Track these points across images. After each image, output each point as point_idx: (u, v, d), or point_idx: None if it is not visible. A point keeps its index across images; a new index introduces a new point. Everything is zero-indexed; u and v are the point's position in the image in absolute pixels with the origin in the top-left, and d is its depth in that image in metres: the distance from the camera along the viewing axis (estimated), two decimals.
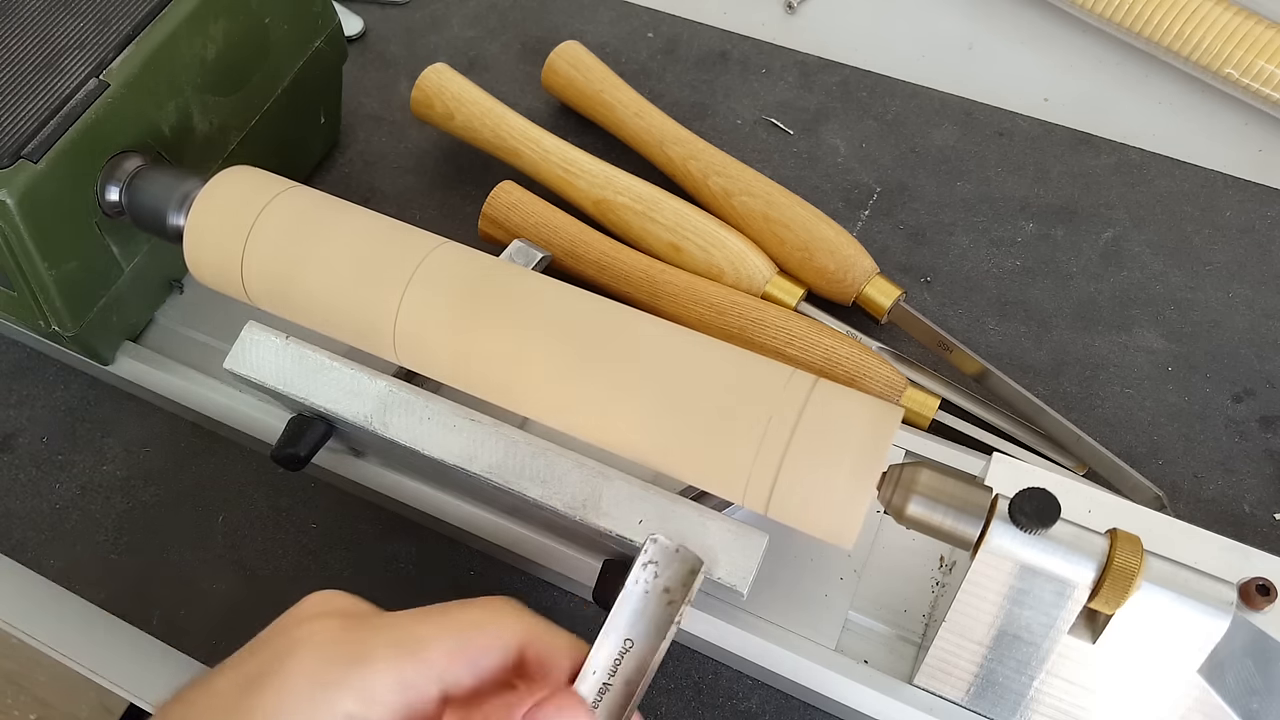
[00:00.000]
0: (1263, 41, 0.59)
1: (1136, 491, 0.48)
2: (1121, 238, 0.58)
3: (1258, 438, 0.51)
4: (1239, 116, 0.62)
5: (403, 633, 0.31)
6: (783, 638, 0.44)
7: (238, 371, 0.43)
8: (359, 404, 0.42)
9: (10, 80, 0.45)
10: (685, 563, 0.35)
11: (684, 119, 0.61)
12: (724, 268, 0.54)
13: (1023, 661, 0.38)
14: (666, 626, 0.34)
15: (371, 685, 0.29)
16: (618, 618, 0.34)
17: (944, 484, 0.36)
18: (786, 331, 0.51)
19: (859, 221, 0.60)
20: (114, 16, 0.47)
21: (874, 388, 0.50)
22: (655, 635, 0.34)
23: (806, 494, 0.35)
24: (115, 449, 0.55)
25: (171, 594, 0.50)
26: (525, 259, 0.52)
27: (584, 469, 0.39)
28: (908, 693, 0.42)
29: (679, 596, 0.35)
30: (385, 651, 0.30)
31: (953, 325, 0.56)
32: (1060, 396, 0.53)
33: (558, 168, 0.58)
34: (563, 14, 0.70)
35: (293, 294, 0.41)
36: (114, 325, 0.53)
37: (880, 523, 0.47)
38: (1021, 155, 0.61)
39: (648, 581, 0.35)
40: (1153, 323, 0.55)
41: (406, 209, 0.62)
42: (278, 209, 0.42)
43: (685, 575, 0.35)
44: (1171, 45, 0.62)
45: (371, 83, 0.68)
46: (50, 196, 0.44)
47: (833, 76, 0.66)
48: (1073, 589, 0.35)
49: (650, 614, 0.34)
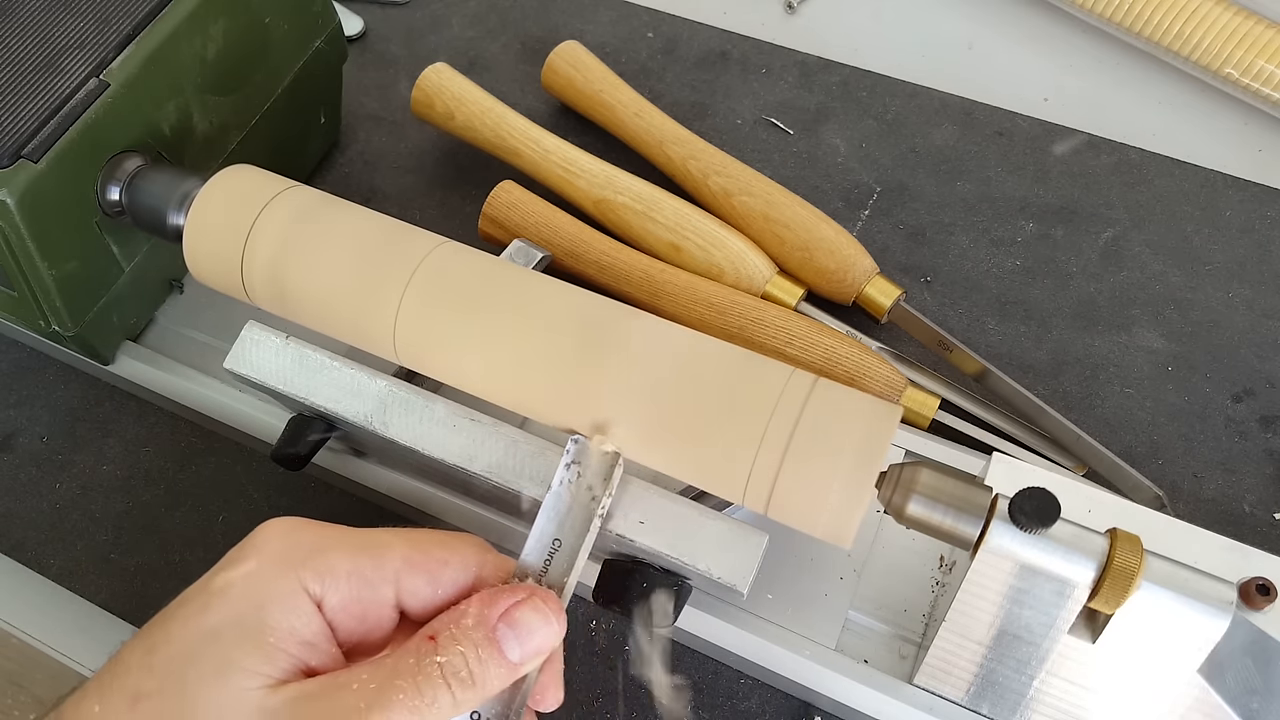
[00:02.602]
0: (1263, 41, 0.59)
1: (1136, 491, 0.48)
2: (1121, 238, 0.58)
3: (1258, 438, 0.51)
4: (1239, 116, 0.62)
5: (363, 536, 0.33)
6: (783, 637, 0.44)
7: (238, 371, 0.43)
8: (359, 404, 0.42)
9: (10, 80, 0.45)
10: (605, 459, 0.37)
11: (684, 119, 0.61)
12: (724, 267, 0.54)
13: (1023, 661, 0.38)
14: (589, 522, 0.36)
15: (330, 567, 0.31)
16: (544, 519, 0.36)
17: (944, 484, 0.36)
18: (786, 331, 0.51)
19: (859, 221, 0.60)
20: (114, 16, 0.47)
21: (874, 387, 0.50)
22: (580, 532, 0.35)
23: (806, 494, 0.35)
24: (115, 449, 0.55)
25: (171, 594, 0.50)
26: (525, 259, 0.52)
27: None
28: (908, 692, 0.42)
29: (600, 492, 0.36)
30: (343, 544, 0.32)
31: (953, 325, 0.56)
32: (1060, 396, 0.53)
33: (558, 167, 0.58)
34: (563, 14, 0.70)
35: (293, 294, 0.41)
36: (114, 325, 0.53)
37: (880, 523, 0.47)
38: (1021, 155, 0.61)
39: (571, 481, 0.36)
40: (1153, 323, 0.55)
41: (406, 209, 0.62)
42: (278, 209, 0.42)
43: (605, 471, 0.36)
44: (1171, 45, 0.62)
45: (371, 83, 0.68)
46: (50, 196, 0.44)
47: (833, 76, 0.66)
48: (1073, 589, 0.35)
49: (575, 513, 0.36)
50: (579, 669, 0.47)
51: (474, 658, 0.30)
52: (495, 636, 0.31)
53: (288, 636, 0.30)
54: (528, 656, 0.32)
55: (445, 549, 0.33)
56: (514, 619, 0.31)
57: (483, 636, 0.31)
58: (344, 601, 0.32)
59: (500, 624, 0.31)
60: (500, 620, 0.31)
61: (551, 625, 0.32)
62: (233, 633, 0.30)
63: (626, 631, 0.47)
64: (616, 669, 0.47)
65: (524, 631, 0.31)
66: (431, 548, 0.33)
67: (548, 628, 0.32)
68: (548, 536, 0.35)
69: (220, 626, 0.30)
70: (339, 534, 0.33)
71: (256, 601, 0.30)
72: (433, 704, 0.30)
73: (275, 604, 0.30)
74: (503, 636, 0.31)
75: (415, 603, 0.33)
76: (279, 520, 0.33)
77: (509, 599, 0.32)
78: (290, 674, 0.30)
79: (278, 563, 0.31)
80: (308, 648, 0.31)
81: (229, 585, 0.31)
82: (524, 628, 0.31)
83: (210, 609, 0.31)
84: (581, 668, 0.47)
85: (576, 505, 0.36)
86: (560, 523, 0.36)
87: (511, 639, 0.31)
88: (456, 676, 0.30)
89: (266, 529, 0.32)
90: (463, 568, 0.33)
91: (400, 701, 0.29)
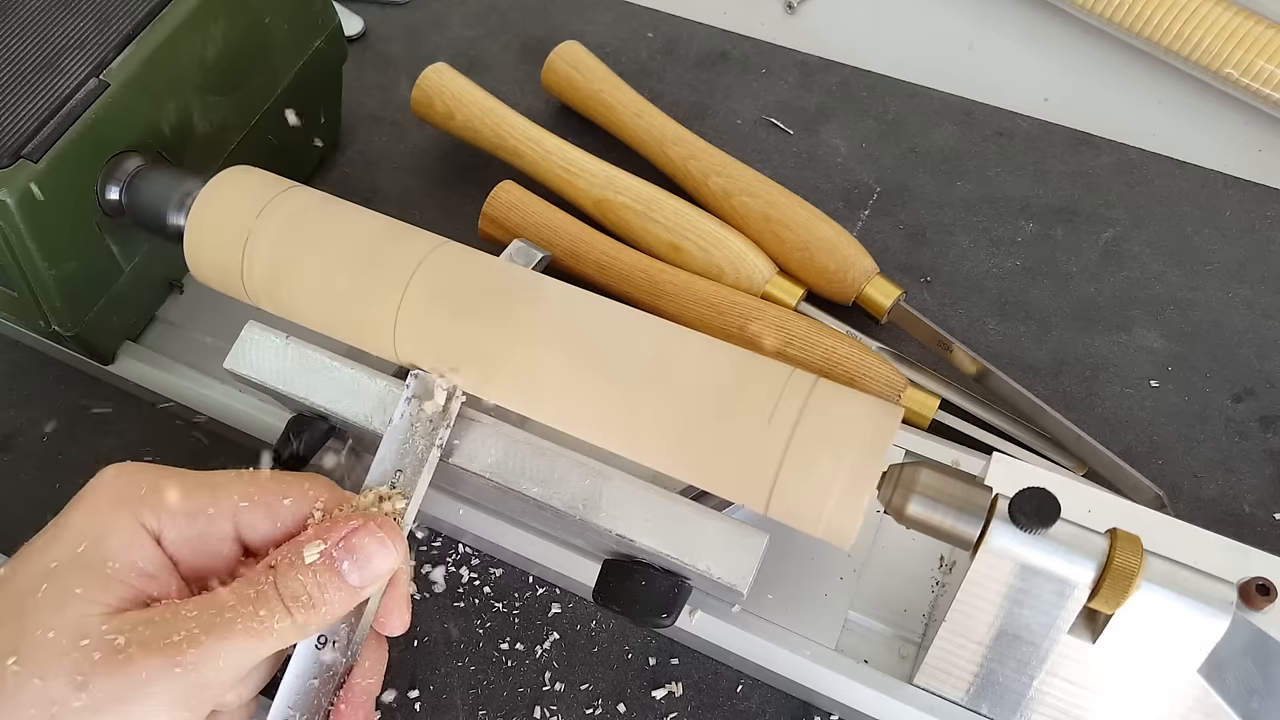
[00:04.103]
0: (1263, 41, 0.59)
1: (1136, 491, 0.48)
2: (1121, 238, 0.58)
3: (1258, 438, 0.51)
4: (1239, 116, 0.62)
5: (201, 475, 0.35)
6: (783, 638, 0.44)
7: (238, 371, 0.43)
8: (359, 404, 0.42)
9: (10, 80, 0.45)
10: (443, 391, 0.38)
11: (684, 119, 0.61)
12: (724, 267, 0.54)
13: (1023, 661, 0.38)
14: (428, 452, 0.38)
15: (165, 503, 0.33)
16: (386, 449, 0.37)
17: (944, 484, 0.36)
18: (786, 331, 0.51)
19: (859, 221, 0.60)
20: (114, 16, 0.47)
21: (874, 387, 0.50)
22: (419, 462, 0.37)
23: (807, 494, 0.35)
24: (115, 449, 0.55)
25: None
26: (525, 259, 0.52)
27: (584, 469, 0.39)
28: (908, 692, 0.42)
29: (439, 423, 0.38)
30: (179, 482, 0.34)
31: (953, 325, 0.56)
32: (1060, 396, 0.53)
33: (558, 167, 0.58)
34: (563, 14, 0.70)
35: (293, 294, 0.41)
36: (114, 325, 0.53)
37: (880, 522, 0.47)
38: (1021, 155, 0.61)
39: (412, 415, 0.38)
40: (1153, 323, 0.55)
41: (406, 209, 0.62)
42: (278, 209, 0.42)
43: (443, 402, 0.38)
44: (1171, 45, 0.62)
45: (371, 83, 0.68)
46: (50, 196, 0.44)
47: (833, 76, 0.66)
48: (1073, 589, 0.35)
49: (415, 443, 0.38)
50: (579, 668, 0.47)
51: (312, 583, 0.32)
52: (333, 561, 0.33)
53: (126, 568, 0.32)
54: (366, 580, 0.33)
55: (283, 485, 0.35)
56: (351, 545, 0.33)
57: (321, 563, 0.32)
58: (182, 536, 0.33)
59: (338, 550, 0.33)
60: (339, 546, 0.33)
61: (389, 550, 0.34)
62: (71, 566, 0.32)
63: (627, 631, 0.47)
64: (617, 668, 0.47)
65: (362, 557, 0.33)
66: (269, 484, 0.35)
67: (384, 552, 0.33)
68: (390, 466, 0.37)
69: (60, 560, 0.32)
70: (176, 474, 0.35)
71: (94, 536, 0.32)
72: (272, 627, 0.31)
73: (112, 537, 0.32)
74: (341, 560, 0.33)
75: (255, 536, 0.34)
76: (117, 465, 0.35)
77: (346, 527, 0.33)
78: (129, 604, 0.32)
79: (115, 501, 0.33)
80: (147, 579, 0.32)
81: (69, 524, 0.33)
82: (362, 553, 0.33)
83: (50, 547, 0.32)
84: (581, 667, 0.47)
85: (416, 436, 0.38)
86: (401, 454, 0.37)
87: (349, 563, 0.33)
88: (296, 600, 0.32)
89: (105, 473, 0.34)
90: (302, 501, 0.35)
91: (238, 625, 0.31)
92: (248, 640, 0.31)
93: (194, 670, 0.30)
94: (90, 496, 0.34)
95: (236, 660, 0.31)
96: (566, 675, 0.46)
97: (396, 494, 0.37)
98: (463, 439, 0.40)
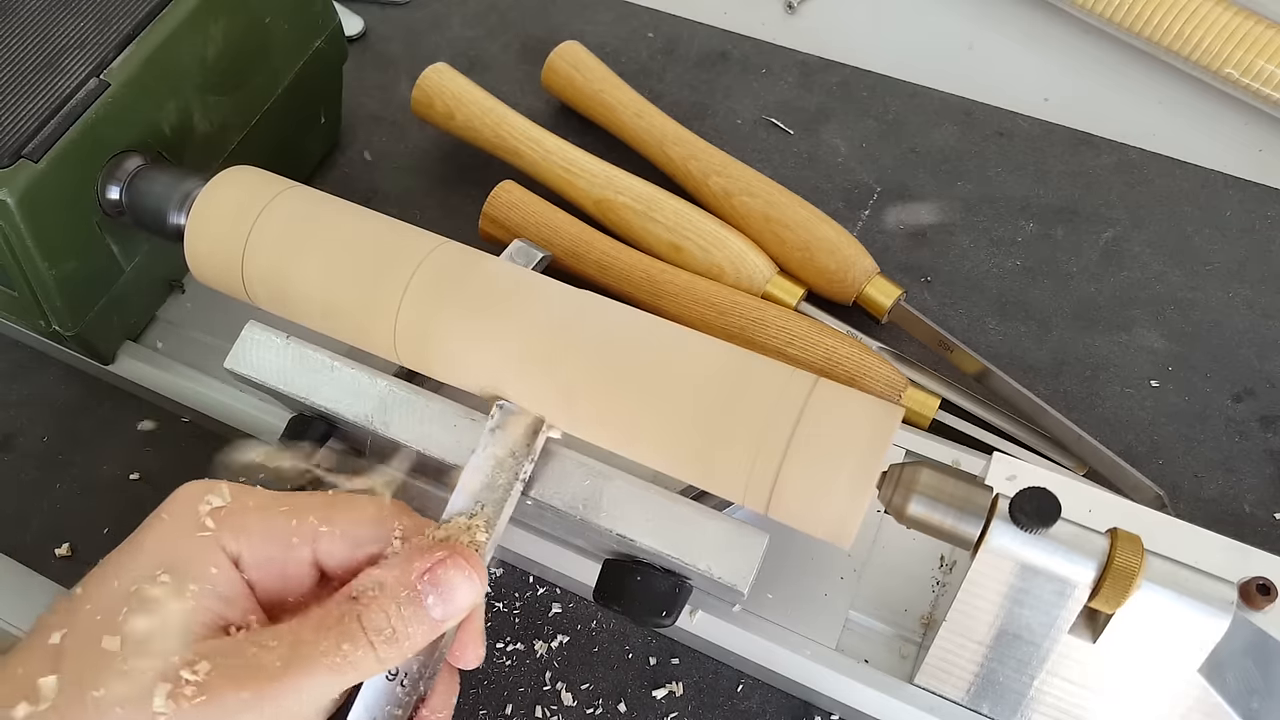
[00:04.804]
0: (1263, 41, 0.59)
1: (1137, 491, 0.48)
2: (1121, 238, 0.58)
3: (1258, 438, 0.51)
4: (1239, 116, 0.62)
5: (279, 497, 0.34)
6: (783, 637, 0.44)
7: (238, 371, 0.43)
8: (359, 404, 0.42)
9: (10, 80, 0.45)
10: (528, 425, 0.38)
11: (684, 119, 0.61)
12: (724, 267, 0.54)
13: (1023, 661, 0.38)
14: (512, 485, 0.37)
15: (245, 525, 0.32)
16: (469, 483, 0.37)
17: (944, 483, 0.36)
18: (787, 331, 0.51)
19: (859, 221, 0.60)
20: (114, 16, 0.47)
21: (874, 387, 0.50)
22: (503, 497, 0.37)
23: (806, 494, 0.35)
24: (115, 449, 0.55)
25: None
26: (526, 259, 0.52)
27: (584, 468, 0.39)
28: (908, 692, 0.42)
29: (523, 457, 0.37)
30: (259, 504, 0.33)
31: (953, 325, 0.56)
32: (1060, 396, 0.53)
33: (558, 167, 0.58)
34: (563, 14, 0.70)
35: (293, 293, 0.41)
36: (114, 325, 0.53)
37: (880, 522, 0.47)
38: (1022, 155, 0.61)
39: (495, 446, 0.38)
40: (1153, 323, 0.55)
41: (407, 209, 0.62)
42: (278, 209, 0.42)
43: (528, 436, 0.38)
44: (1171, 45, 0.62)
45: (371, 83, 0.68)
46: (50, 196, 0.44)
47: (833, 76, 0.66)
48: (1073, 588, 0.35)
49: (498, 477, 0.37)
50: (579, 668, 0.47)
51: (397, 615, 0.31)
52: (418, 594, 0.31)
53: (204, 592, 0.31)
54: (450, 615, 0.32)
55: (359, 509, 0.34)
56: (436, 577, 0.32)
57: (406, 594, 0.31)
58: (261, 560, 0.32)
59: (422, 582, 0.32)
60: (423, 578, 0.32)
61: (473, 583, 0.33)
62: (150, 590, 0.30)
63: (628, 631, 0.47)
64: (617, 668, 0.47)
65: (446, 589, 0.32)
66: (349, 508, 0.34)
67: (469, 585, 0.32)
68: (472, 500, 0.36)
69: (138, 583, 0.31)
70: (255, 494, 0.33)
71: (172, 559, 0.31)
72: (355, 661, 0.30)
73: (191, 560, 0.31)
74: (425, 594, 0.32)
75: (334, 562, 0.33)
76: (195, 482, 0.33)
77: (431, 558, 0.32)
78: (209, 630, 0.30)
79: (194, 522, 0.32)
80: (225, 603, 0.31)
81: (146, 544, 0.32)
82: (446, 585, 0.32)
83: (127, 567, 0.31)
84: (582, 667, 0.47)
85: (500, 470, 0.37)
86: (485, 487, 0.37)
87: (434, 596, 0.32)
88: (380, 634, 0.30)
89: (183, 491, 0.33)
90: (383, 527, 0.34)
91: (322, 659, 0.30)
92: (330, 675, 0.30)
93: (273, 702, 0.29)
94: (166, 516, 0.32)
95: (318, 695, 0.30)
96: (567, 675, 0.46)
97: (477, 525, 0.35)
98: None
